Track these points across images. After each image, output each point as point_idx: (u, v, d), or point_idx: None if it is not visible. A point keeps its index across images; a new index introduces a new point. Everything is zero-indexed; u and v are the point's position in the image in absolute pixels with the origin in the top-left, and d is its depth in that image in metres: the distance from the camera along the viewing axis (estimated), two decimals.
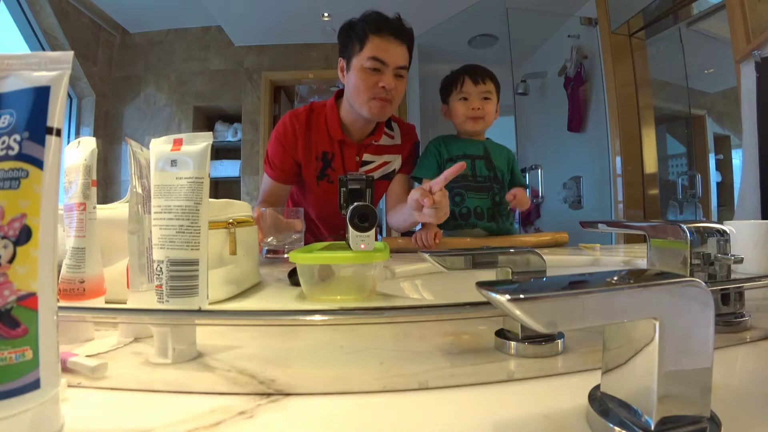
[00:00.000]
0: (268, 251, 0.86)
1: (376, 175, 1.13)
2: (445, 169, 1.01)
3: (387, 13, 1.01)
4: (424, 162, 1.12)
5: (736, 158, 1.78)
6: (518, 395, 0.27)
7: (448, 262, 0.37)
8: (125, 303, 0.36)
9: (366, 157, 1.12)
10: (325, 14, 2.30)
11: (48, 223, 0.20)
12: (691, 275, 0.34)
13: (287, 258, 0.50)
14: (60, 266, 0.36)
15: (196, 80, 2.58)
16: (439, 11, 2.23)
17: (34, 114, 0.20)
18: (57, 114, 0.20)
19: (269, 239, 0.84)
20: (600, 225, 0.48)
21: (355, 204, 0.47)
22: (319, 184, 1.10)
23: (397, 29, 0.98)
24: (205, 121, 2.71)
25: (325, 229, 1.18)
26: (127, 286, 0.35)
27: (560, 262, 0.83)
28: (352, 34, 1.00)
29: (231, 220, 0.52)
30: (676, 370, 0.19)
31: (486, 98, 1.09)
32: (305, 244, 0.87)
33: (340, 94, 1.11)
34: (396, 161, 1.15)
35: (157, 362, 0.30)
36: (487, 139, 1.18)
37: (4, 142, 0.19)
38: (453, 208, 1.05)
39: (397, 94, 1.02)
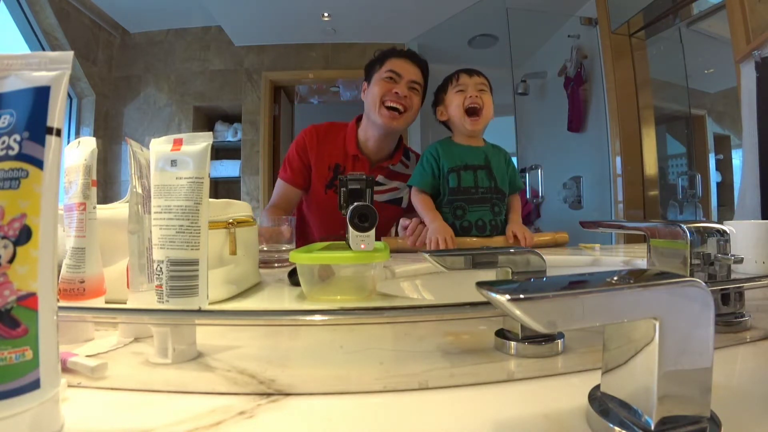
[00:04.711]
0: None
1: (384, 197, 1.18)
2: (446, 180, 1.06)
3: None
4: (418, 170, 1.10)
5: (736, 158, 1.78)
6: (518, 395, 0.27)
7: (448, 262, 0.37)
8: (125, 303, 0.36)
9: (378, 178, 1.16)
10: (325, 14, 2.30)
11: (48, 223, 0.20)
12: (691, 275, 0.34)
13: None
14: (60, 266, 0.37)
15: (196, 80, 2.58)
16: (439, 11, 2.23)
17: (34, 114, 0.20)
18: (57, 114, 0.20)
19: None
20: (600, 225, 0.48)
21: (355, 204, 0.47)
22: (327, 192, 1.16)
23: (412, 54, 1.13)
24: (205, 121, 2.71)
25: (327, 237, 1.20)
26: (127, 286, 0.35)
27: (560, 262, 0.83)
28: (375, 62, 1.14)
29: (231, 220, 0.52)
30: (676, 370, 0.19)
31: (482, 90, 1.07)
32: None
33: (360, 117, 1.19)
34: (406, 190, 1.18)
35: (157, 362, 0.30)
36: (486, 143, 1.13)
37: (4, 142, 0.19)
38: (454, 222, 1.04)
39: (409, 104, 1.09)
